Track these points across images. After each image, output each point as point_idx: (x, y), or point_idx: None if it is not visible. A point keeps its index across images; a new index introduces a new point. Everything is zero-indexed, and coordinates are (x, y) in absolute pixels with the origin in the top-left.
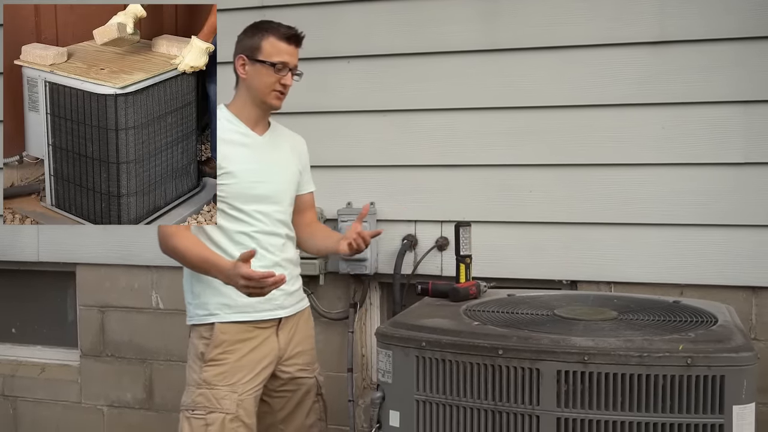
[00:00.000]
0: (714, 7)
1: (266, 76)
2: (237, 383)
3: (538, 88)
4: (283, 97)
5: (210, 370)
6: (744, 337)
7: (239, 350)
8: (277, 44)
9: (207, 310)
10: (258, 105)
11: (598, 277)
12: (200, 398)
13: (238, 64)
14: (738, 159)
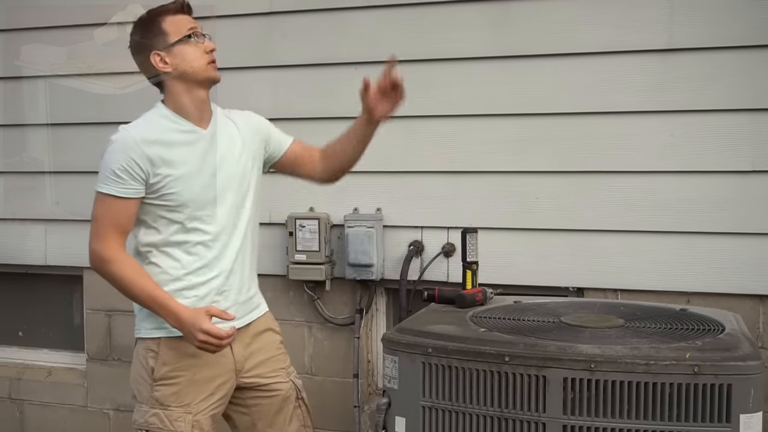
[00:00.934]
0: (722, 16)
1: (192, 50)
2: (191, 403)
3: (546, 95)
4: (215, 64)
5: (162, 390)
6: (751, 346)
7: (191, 367)
8: (175, 18)
9: (153, 324)
10: (198, 87)
11: (605, 285)
12: (153, 419)
13: (156, 61)
14: (745, 167)
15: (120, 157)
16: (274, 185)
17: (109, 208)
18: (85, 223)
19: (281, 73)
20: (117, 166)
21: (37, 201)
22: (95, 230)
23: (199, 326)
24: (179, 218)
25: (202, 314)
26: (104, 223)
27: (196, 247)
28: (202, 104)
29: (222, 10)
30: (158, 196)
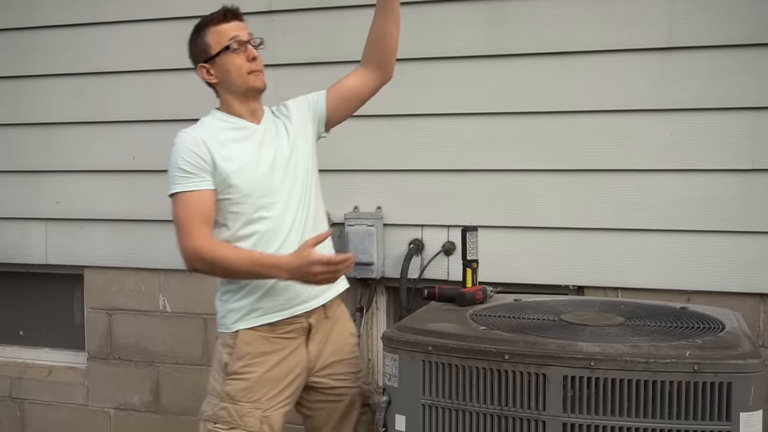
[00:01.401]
0: (722, 14)
1: (232, 62)
2: (261, 399)
3: (546, 93)
4: (263, 75)
5: (233, 384)
6: (751, 344)
7: (263, 363)
8: (218, 29)
9: (233, 319)
10: (243, 95)
11: (605, 283)
12: (222, 412)
13: (203, 74)
14: (745, 165)
15: (183, 154)
16: None
17: (185, 205)
18: (85, 221)
19: (281, 71)
20: (182, 163)
21: (38, 199)
22: (179, 231)
23: (309, 261)
24: (244, 209)
25: (305, 250)
26: (186, 221)
27: (264, 236)
28: (254, 108)
29: None
30: (222, 190)
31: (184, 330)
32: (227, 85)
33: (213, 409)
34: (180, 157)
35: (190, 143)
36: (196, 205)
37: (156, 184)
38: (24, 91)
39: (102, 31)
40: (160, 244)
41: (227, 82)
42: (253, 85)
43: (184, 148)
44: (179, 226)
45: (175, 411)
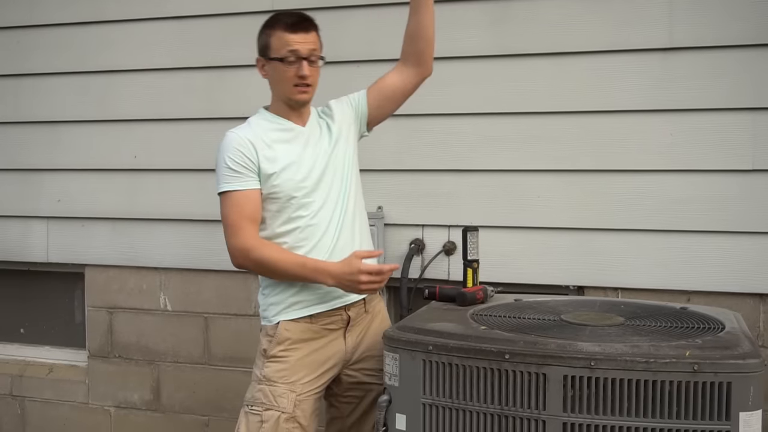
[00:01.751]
0: (723, 14)
1: (281, 71)
2: (296, 382)
3: (547, 93)
4: (309, 89)
5: (271, 366)
6: (751, 344)
7: (302, 349)
8: (283, 36)
9: (274, 312)
10: (286, 102)
11: (605, 283)
12: (259, 394)
13: (258, 66)
14: (745, 166)
15: (230, 153)
16: None
17: (234, 204)
18: (87, 220)
19: None
20: (230, 162)
21: (39, 198)
22: (228, 229)
23: (357, 270)
24: (284, 208)
25: (354, 260)
26: (234, 219)
27: (302, 233)
28: (300, 112)
29: (223, 8)
30: (265, 190)
31: (184, 329)
32: (274, 88)
33: (251, 392)
34: (228, 157)
35: (237, 143)
36: (244, 204)
37: (157, 183)
38: (25, 90)
39: (104, 29)
40: (161, 242)
41: (274, 85)
42: (294, 98)
43: (231, 148)
44: (227, 224)
45: (175, 409)
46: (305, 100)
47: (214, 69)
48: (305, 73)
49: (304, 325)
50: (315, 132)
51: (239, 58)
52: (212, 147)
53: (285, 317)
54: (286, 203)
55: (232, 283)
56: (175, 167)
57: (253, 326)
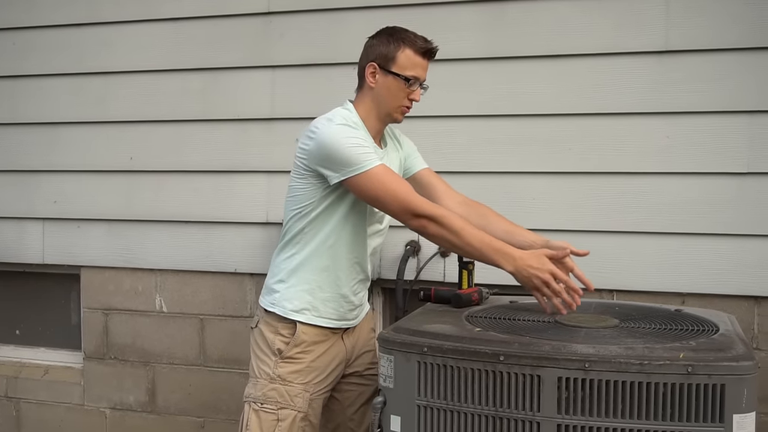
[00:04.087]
0: (719, 17)
1: (397, 89)
2: (310, 382)
3: (543, 95)
4: (408, 112)
5: (286, 367)
6: (745, 346)
7: (315, 351)
8: (413, 58)
9: (294, 306)
10: (381, 118)
11: (600, 285)
12: (273, 393)
13: (369, 71)
14: (741, 169)
15: (346, 133)
16: (271, 184)
17: (388, 176)
18: (83, 221)
19: (279, 73)
20: (360, 141)
21: (35, 199)
22: (401, 200)
23: (547, 267)
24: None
25: (542, 256)
26: (399, 189)
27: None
28: (380, 129)
29: (219, 10)
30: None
31: (180, 330)
32: (377, 100)
33: (261, 390)
34: (350, 134)
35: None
36: (394, 177)
37: (153, 184)
38: (21, 91)
39: (100, 31)
40: (157, 244)
41: (380, 98)
42: (396, 117)
43: (349, 129)
44: (396, 192)
45: (171, 411)
46: (399, 121)
47: (209, 71)
48: (418, 99)
49: (318, 329)
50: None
51: (234, 60)
52: (208, 148)
53: (300, 319)
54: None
55: (227, 284)
56: (170, 169)
57: (249, 327)
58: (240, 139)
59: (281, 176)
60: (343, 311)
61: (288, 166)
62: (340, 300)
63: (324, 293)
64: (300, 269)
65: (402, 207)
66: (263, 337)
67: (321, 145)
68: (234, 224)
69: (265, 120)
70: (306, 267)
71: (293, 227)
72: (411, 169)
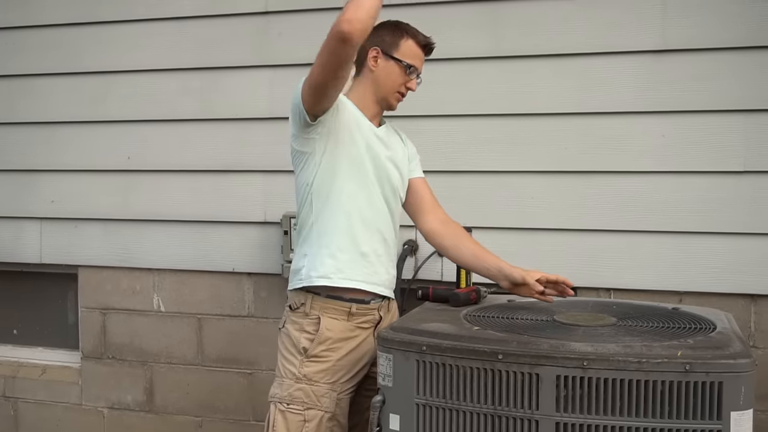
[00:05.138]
0: (715, 17)
1: (396, 75)
2: (337, 382)
3: (540, 95)
4: (402, 100)
5: (312, 366)
6: (742, 344)
7: (341, 348)
8: (414, 48)
9: (320, 272)
10: (378, 102)
11: (598, 284)
12: (299, 393)
13: (371, 55)
14: (737, 168)
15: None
16: (268, 184)
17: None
18: (80, 221)
19: (277, 72)
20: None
21: (32, 198)
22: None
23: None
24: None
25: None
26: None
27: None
28: (376, 112)
29: (218, 10)
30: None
31: (178, 330)
32: (376, 83)
33: (287, 390)
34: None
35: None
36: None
37: (151, 184)
38: (19, 90)
39: (98, 30)
40: (154, 243)
41: (379, 81)
42: (391, 102)
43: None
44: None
45: (168, 411)
46: (394, 107)
47: (207, 70)
48: (414, 87)
49: (343, 323)
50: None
51: (233, 59)
52: (206, 148)
53: (327, 283)
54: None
55: (225, 284)
56: (168, 168)
57: (247, 327)
58: (238, 139)
59: (279, 176)
60: (368, 273)
61: (286, 165)
62: (362, 260)
63: (344, 254)
64: (318, 236)
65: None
66: (289, 337)
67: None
68: (232, 224)
69: (263, 119)
70: (322, 231)
71: (305, 197)
72: (410, 173)
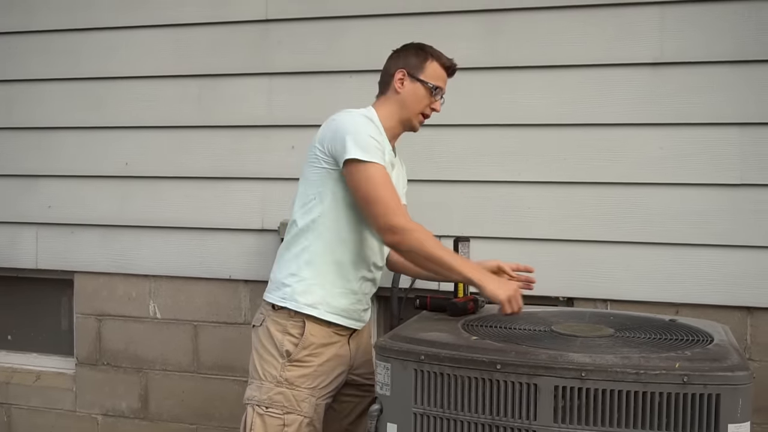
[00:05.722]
0: (713, 30)
1: (422, 96)
2: (317, 387)
3: (538, 105)
4: (423, 122)
5: (294, 371)
6: (740, 357)
7: (323, 354)
8: (439, 70)
9: (308, 300)
10: (402, 123)
11: (595, 295)
12: (279, 397)
13: (398, 77)
14: (734, 180)
15: (367, 126)
16: (266, 192)
17: (385, 181)
18: (77, 227)
19: (276, 80)
20: (376, 136)
21: (29, 204)
22: (383, 206)
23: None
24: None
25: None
26: (391, 197)
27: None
28: (397, 134)
29: (217, 17)
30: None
31: (173, 336)
32: (402, 103)
33: (267, 394)
34: (372, 130)
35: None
36: (390, 183)
37: (148, 190)
38: (17, 95)
39: (97, 36)
40: (151, 250)
41: (404, 103)
42: (415, 124)
43: (368, 122)
44: (383, 200)
45: (163, 418)
46: (416, 129)
47: (206, 77)
48: (438, 109)
49: (325, 329)
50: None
51: (232, 66)
52: (204, 155)
53: (313, 313)
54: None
55: (221, 291)
56: (166, 175)
57: (243, 334)
58: (236, 146)
59: (277, 183)
60: (354, 309)
61: (284, 173)
62: (351, 296)
63: (336, 288)
64: (313, 262)
65: (382, 215)
66: (269, 337)
67: (340, 127)
68: (229, 231)
69: (262, 127)
70: (319, 260)
71: (305, 217)
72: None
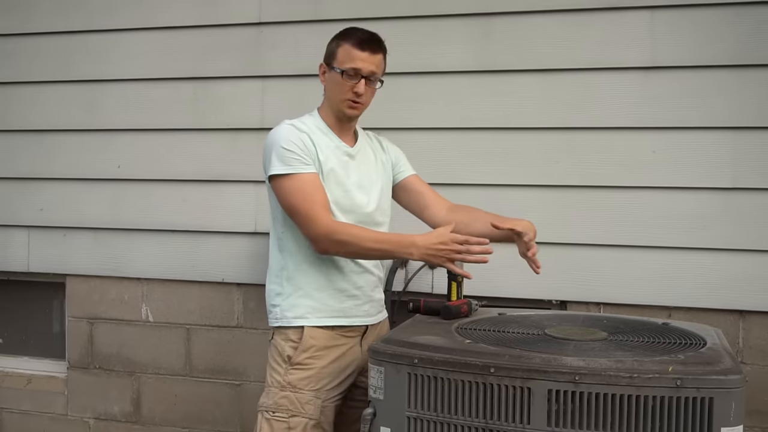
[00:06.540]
0: (705, 35)
1: (339, 83)
2: (321, 389)
3: (530, 109)
4: (359, 106)
5: (296, 374)
6: (732, 360)
7: (326, 356)
8: (351, 51)
9: (296, 313)
10: (335, 113)
11: (587, 298)
12: (283, 401)
13: (320, 71)
14: (726, 184)
15: (287, 135)
16: (259, 195)
17: (302, 190)
18: (69, 230)
19: (269, 83)
20: (286, 144)
21: (21, 207)
22: (303, 217)
23: (449, 239)
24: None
25: (444, 231)
26: (307, 207)
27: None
28: (341, 125)
29: (210, 20)
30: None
31: (166, 340)
32: (328, 96)
33: (273, 399)
34: (282, 138)
35: (293, 129)
36: (308, 189)
37: (141, 193)
38: (8, 98)
39: (90, 38)
40: (143, 253)
41: (329, 95)
42: (344, 111)
43: (286, 132)
44: (302, 211)
45: (155, 421)
46: (353, 115)
47: (199, 80)
48: (360, 91)
49: (328, 332)
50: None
51: (225, 69)
52: (196, 158)
53: (307, 323)
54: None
55: (214, 294)
56: (159, 177)
57: (236, 338)
58: (229, 149)
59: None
60: (348, 307)
61: None
62: (340, 295)
63: (321, 292)
64: (292, 276)
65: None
66: (276, 347)
67: (267, 144)
68: (222, 234)
69: (254, 130)
70: (296, 271)
71: (274, 235)
72: (400, 175)
